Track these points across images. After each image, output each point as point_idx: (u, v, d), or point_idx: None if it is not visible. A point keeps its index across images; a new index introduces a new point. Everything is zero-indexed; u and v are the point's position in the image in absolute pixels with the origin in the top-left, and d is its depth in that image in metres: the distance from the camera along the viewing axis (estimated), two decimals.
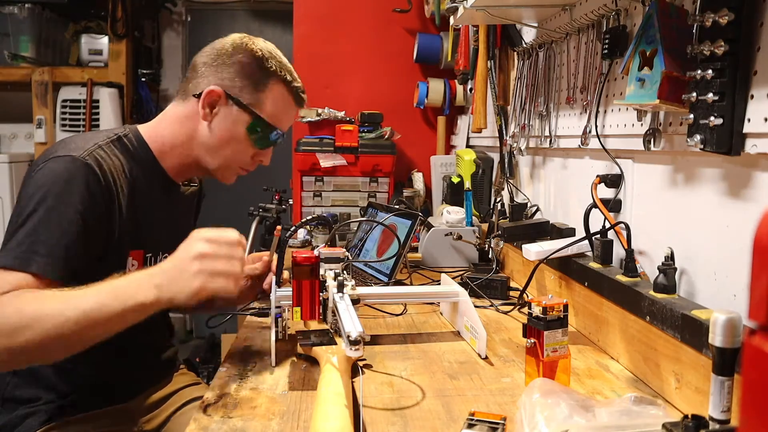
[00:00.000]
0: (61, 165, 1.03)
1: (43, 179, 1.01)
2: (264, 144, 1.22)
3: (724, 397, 0.62)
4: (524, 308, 1.32)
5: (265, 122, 1.18)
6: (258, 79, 1.17)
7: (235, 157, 1.22)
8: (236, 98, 1.16)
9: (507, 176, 1.78)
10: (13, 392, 1.15)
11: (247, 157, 1.23)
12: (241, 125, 1.17)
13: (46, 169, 1.03)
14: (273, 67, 1.18)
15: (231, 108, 1.17)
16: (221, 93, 1.15)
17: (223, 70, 1.17)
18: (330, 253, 1.09)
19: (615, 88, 1.17)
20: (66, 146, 1.08)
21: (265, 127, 1.19)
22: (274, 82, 1.18)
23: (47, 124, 3.17)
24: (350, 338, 0.81)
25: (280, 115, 1.21)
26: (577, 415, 0.71)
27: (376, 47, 2.70)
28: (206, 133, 1.18)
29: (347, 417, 0.76)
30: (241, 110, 1.17)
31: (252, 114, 1.17)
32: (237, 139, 1.19)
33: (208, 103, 1.16)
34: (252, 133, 1.18)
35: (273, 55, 1.20)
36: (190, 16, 3.93)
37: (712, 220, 0.89)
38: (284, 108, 1.22)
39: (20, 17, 3.10)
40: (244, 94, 1.17)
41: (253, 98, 1.17)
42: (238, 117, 1.17)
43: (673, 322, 0.85)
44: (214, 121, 1.17)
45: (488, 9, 1.40)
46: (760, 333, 0.31)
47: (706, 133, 0.81)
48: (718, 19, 0.76)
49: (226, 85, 1.16)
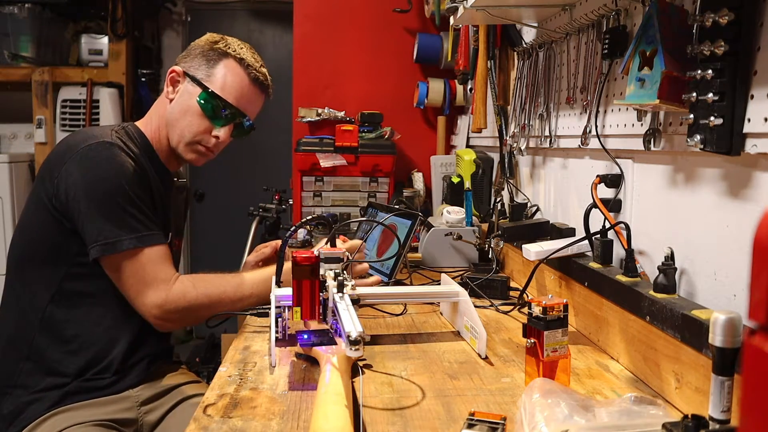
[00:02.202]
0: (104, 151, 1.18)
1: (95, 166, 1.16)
2: (215, 117, 1.30)
3: (724, 397, 0.62)
4: (524, 308, 1.32)
5: (214, 94, 1.28)
6: (211, 57, 1.30)
7: (190, 129, 1.30)
8: (191, 75, 1.30)
9: (507, 176, 1.78)
10: (25, 380, 1.20)
11: (202, 129, 1.30)
12: (194, 98, 1.29)
13: (91, 159, 1.17)
14: (228, 48, 1.31)
15: (187, 85, 1.30)
16: (180, 71, 1.31)
17: (188, 55, 1.33)
18: (330, 253, 1.09)
19: (615, 88, 1.17)
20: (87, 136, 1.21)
21: (216, 100, 1.28)
22: (227, 60, 1.30)
23: (47, 124, 3.17)
24: (350, 338, 0.81)
25: (232, 91, 1.30)
26: (577, 415, 0.71)
27: (376, 47, 2.70)
28: (169, 110, 1.31)
29: (347, 417, 0.76)
30: (194, 84, 1.29)
31: (202, 86, 1.28)
32: (191, 111, 1.29)
33: (171, 83, 1.32)
34: (203, 105, 1.28)
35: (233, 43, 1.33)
36: (190, 16, 3.93)
37: (712, 220, 0.89)
38: (237, 84, 1.31)
39: (20, 17, 3.10)
40: (198, 72, 1.30)
41: (205, 73, 1.29)
42: (192, 91, 1.29)
43: (673, 322, 0.85)
44: (175, 98, 1.31)
45: (488, 9, 1.40)
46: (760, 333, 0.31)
47: (706, 133, 0.81)
48: (718, 19, 0.76)
49: (186, 65, 1.31)
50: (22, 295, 1.23)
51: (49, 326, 1.20)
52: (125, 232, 1.16)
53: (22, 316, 1.22)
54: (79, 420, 1.16)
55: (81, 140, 1.20)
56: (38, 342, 1.20)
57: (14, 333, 1.23)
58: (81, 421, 1.16)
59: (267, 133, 2.18)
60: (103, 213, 1.15)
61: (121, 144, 1.22)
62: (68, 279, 1.20)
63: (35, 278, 1.21)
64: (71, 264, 1.20)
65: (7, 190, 3.00)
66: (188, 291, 1.19)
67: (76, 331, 1.21)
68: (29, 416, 1.16)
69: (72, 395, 1.18)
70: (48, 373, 1.19)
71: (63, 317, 1.20)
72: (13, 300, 1.25)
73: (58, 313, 1.20)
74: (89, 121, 3.16)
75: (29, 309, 1.21)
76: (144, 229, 1.18)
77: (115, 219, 1.15)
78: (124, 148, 1.22)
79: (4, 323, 1.25)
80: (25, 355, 1.20)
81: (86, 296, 1.22)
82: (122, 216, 1.16)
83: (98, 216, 1.14)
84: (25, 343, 1.20)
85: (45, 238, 1.20)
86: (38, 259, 1.21)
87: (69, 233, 1.18)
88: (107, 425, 1.18)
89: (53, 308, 1.20)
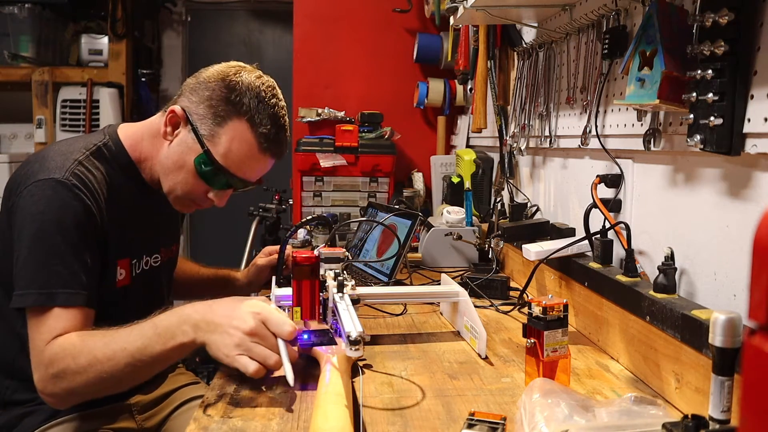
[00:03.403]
0: (48, 190, 1.01)
1: (33, 208, 1.01)
2: (213, 183, 1.13)
3: (724, 397, 0.62)
4: (524, 308, 1.32)
5: (214, 161, 1.10)
6: (221, 112, 1.09)
7: (184, 188, 1.13)
8: (194, 125, 1.10)
9: (507, 176, 1.78)
10: (12, 396, 1.14)
11: (198, 191, 1.14)
12: (191, 155, 1.10)
13: (34, 196, 1.01)
14: (242, 105, 1.09)
15: (188, 134, 1.11)
16: (182, 115, 1.10)
17: (196, 93, 1.11)
18: (330, 253, 1.09)
19: (615, 88, 1.17)
20: (44, 165, 1.05)
21: (214, 167, 1.10)
22: (237, 121, 1.09)
23: (47, 124, 3.17)
24: (350, 338, 0.81)
25: (236, 160, 1.11)
26: (577, 415, 0.71)
27: (376, 47, 2.70)
28: (165, 152, 1.13)
29: (347, 417, 0.76)
30: (195, 139, 1.10)
31: (202, 146, 1.09)
32: (185, 169, 1.11)
33: (171, 123, 1.12)
34: (199, 167, 1.10)
35: (253, 91, 1.11)
36: (190, 16, 3.93)
37: (712, 220, 0.89)
38: (243, 154, 1.11)
39: (20, 17, 3.10)
40: (203, 125, 1.10)
41: (209, 130, 1.10)
42: (191, 146, 1.10)
43: (673, 322, 0.85)
44: (173, 142, 1.12)
45: (488, 9, 1.40)
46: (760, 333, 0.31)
47: (706, 133, 0.81)
48: (718, 19, 0.76)
49: (190, 109, 1.11)
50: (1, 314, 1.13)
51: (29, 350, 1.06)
52: (35, 286, 0.99)
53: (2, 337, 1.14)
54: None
55: (33, 172, 1.05)
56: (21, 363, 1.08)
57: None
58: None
59: None
60: (23, 257, 1.00)
61: (73, 184, 1.03)
62: None
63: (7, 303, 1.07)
64: None
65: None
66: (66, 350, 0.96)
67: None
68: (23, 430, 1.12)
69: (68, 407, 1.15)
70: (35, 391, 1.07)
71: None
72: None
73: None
74: (89, 121, 3.16)
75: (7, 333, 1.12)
76: (57, 285, 0.99)
77: (32, 267, 1.00)
78: (78, 187, 1.03)
79: None
80: (9, 374, 1.14)
81: None
82: (40, 264, 1.00)
83: (21, 260, 1.01)
84: (8, 362, 1.13)
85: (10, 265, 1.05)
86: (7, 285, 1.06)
87: None
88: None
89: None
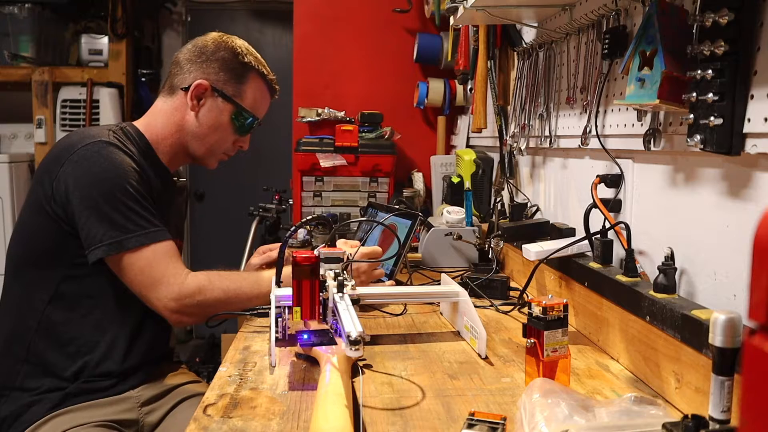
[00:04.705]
0: (102, 150, 1.18)
1: (94, 168, 1.16)
2: (244, 131, 1.37)
3: (724, 397, 0.62)
4: (524, 308, 1.32)
5: (246, 111, 1.34)
6: (239, 73, 1.33)
7: (220, 144, 1.36)
8: (221, 90, 1.31)
9: (507, 176, 1.78)
10: (23, 382, 1.19)
11: (230, 143, 1.38)
12: (226, 114, 1.33)
13: (89, 158, 1.16)
14: (251, 62, 1.34)
15: (216, 99, 1.32)
16: (207, 86, 1.30)
17: (208, 65, 1.31)
18: (330, 253, 1.09)
19: (615, 88, 1.17)
20: (85, 135, 1.21)
21: (246, 116, 1.35)
22: (253, 76, 1.35)
23: (47, 124, 3.17)
24: (350, 338, 0.81)
25: (258, 105, 1.37)
26: (577, 415, 0.71)
27: (376, 47, 2.70)
28: (194, 122, 1.32)
29: (347, 417, 0.76)
30: (225, 101, 1.32)
31: (235, 104, 1.33)
32: (222, 128, 1.33)
33: (196, 95, 1.30)
34: (235, 121, 1.34)
35: (250, 51, 1.36)
36: (190, 16, 3.93)
37: (712, 220, 0.89)
38: (261, 98, 1.38)
39: (20, 17, 3.10)
40: (228, 87, 1.32)
41: (236, 90, 1.33)
42: (223, 107, 1.32)
43: (673, 322, 0.85)
44: (201, 111, 1.31)
45: (488, 9, 1.40)
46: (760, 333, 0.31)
47: (706, 133, 0.81)
48: (718, 19, 0.76)
49: (211, 78, 1.31)
50: (20, 298, 1.22)
51: (48, 329, 1.20)
52: (129, 231, 1.15)
53: (21, 318, 1.21)
54: (80, 421, 1.16)
55: (78, 140, 1.19)
56: (37, 344, 1.19)
57: (12, 335, 1.22)
58: (82, 423, 1.16)
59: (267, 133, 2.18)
60: (104, 213, 1.14)
61: (118, 143, 1.21)
62: (66, 281, 1.20)
63: (33, 281, 1.21)
64: (69, 266, 1.19)
65: (7, 190, 3.00)
66: (203, 286, 1.19)
67: (74, 333, 1.20)
68: (29, 418, 1.16)
69: (72, 397, 1.18)
70: (47, 375, 1.19)
71: (61, 319, 1.20)
72: (11, 302, 1.24)
73: (56, 315, 1.20)
74: (89, 121, 3.16)
75: (27, 311, 1.20)
76: (149, 225, 1.17)
77: (118, 218, 1.15)
78: (122, 147, 1.21)
79: (3, 326, 1.25)
80: (23, 358, 1.20)
81: (84, 298, 1.21)
82: (125, 214, 1.15)
83: (99, 216, 1.13)
84: (24, 345, 1.20)
85: (42, 241, 1.20)
86: (36, 262, 1.21)
87: (67, 235, 1.17)
88: (108, 426, 1.18)
89: (51, 311, 1.20)
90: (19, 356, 1.20)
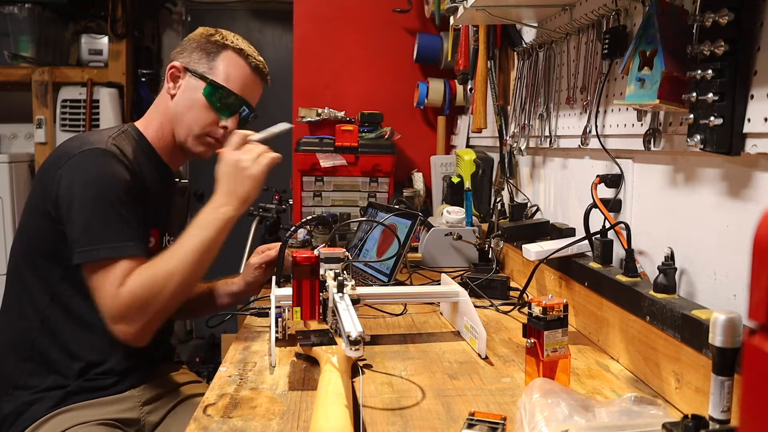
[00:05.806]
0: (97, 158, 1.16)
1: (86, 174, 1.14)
2: (223, 108, 1.31)
3: (724, 397, 0.62)
4: (524, 308, 1.32)
5: (220, 86, 1.29)
6: (210, 50, 1.31)
7: (198, 122, 1.30)
8: (193, 69, 1.30)
9: (507, 176, 1.78)
10: (26, 380, 1.20)
11: (209, 121, 1.31)
12: (198, 92, 1.29)
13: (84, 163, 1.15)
14: (226, 40, 1.32)
15: (189, 79, 1.30)
16: (180, 67, 1.31)
17: (184, 50, 1.33)
18: (330, 253, 1.09)
19: (615, 88, 1.17)
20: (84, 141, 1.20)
21: (222, 91, 1.29)
22: (226, 52, 1.31)
23: (47, 124, 3.17)
24: (350, 338, 0.81)
25: (236, 80, 1.31)
26: (577, 415, 0.71)
27: (376, 47, 2.70)
28: (173, 106, 1.31)
29: (347, 417, 0.76)
30: (197, 78, 1.29)
31: (206, 80, 1.29)
32: (197, 105, 1.29)
33: (172, 78, 1.31)
34: (209, 97, 1.29)
35: (228, 34, 1.34)
36: (190, 16, 3.92)
37: (712, 220, 0.89)
38: (240, 74, 1.32)
39: (20, 17, 3.10)
40: (199, 65, 1.30)
41: (207, 66, 1.30)
42: (196, 85, 1.30)
43: (673, 322, 0.85)
44: (178, 93, 1.31)
45: (488, 9, 1.40)
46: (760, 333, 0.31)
47: (706, 133, 0.81)
48: (718, 19, 0.76)
49: (184, 60, 1.31)
50: (22, 297, 1.23)
51: (49, 327, 1.20)
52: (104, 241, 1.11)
53: (23, 317, 1.22)
54: (82, 420, 1.16)
55: (76, 146, 1.18)
56: (39, 343, 1.20)
57: (15, 334, 1.23)
58: (83, 421, 1.16)
59: None
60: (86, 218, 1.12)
61: (116, 152, 1.19)
62: (66, 281, 1.20)
63: (34, 280, 1.21)
64: (69, 266, 1.19)
65: (7, 190, 3.00)
66: (132, 283, 1.10)
67: (76, 332, 1.20)
68: (31, 416, 1.16)
69: (74, 395, 1.18)
70: (49, 373, 1.19)
71: (62, 318, 1.20)
72: (13, 301, 1.25)
73: (57, 314, 1.20)
74: (89, 121, 3.16)
75: (29, 310, 1.21)
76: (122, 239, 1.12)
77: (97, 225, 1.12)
78: (119, 156, 1.19)
79: (5, 324, 1.25)
80: (26, 356, 1.20)
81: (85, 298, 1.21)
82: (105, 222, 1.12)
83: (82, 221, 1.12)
84: (26, 344, 1.20)
85: (42, 241, 1.20)
86: (37, 262, 1.21)
87: (64, 237, 1.17)
88: (110, 425, 1.18)
89: (52, 310, 1.20)
90: (22, 355, 1.20)
